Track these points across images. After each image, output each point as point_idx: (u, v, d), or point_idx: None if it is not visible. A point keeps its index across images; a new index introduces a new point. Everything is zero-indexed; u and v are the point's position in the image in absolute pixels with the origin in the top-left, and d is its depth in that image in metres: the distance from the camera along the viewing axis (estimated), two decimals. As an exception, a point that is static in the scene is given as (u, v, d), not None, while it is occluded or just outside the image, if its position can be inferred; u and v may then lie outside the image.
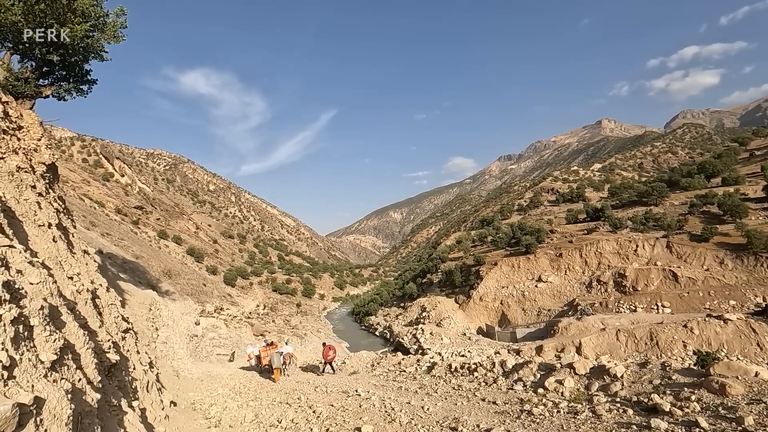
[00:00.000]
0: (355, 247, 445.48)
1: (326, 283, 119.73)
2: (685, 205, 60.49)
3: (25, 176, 9.43)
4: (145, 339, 20.99)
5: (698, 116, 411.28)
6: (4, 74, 12.37)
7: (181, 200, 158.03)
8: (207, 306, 45.52)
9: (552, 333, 38.56)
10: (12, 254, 4.90)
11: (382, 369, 16.96)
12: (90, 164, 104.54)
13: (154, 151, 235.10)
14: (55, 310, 5.03)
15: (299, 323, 66.61)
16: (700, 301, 39.20)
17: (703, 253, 44.90)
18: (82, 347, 5.21)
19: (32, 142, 11.73)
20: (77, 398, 4.14)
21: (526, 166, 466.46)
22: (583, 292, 49.38)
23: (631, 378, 8.87)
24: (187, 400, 14.02)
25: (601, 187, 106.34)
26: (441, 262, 74.75)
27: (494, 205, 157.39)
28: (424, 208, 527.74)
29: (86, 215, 52.53)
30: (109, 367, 6.88)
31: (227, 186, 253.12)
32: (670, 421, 6.69)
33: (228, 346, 34.12)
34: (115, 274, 30.48)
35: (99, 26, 12.97)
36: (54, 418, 3.39)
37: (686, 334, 30.11)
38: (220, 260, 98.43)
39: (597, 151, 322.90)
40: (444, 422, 8.45)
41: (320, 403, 11.47)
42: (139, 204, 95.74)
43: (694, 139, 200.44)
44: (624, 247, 51.18)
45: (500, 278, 56.45)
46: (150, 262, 48.43)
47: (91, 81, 13.94)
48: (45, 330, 4.19)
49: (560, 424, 7.64)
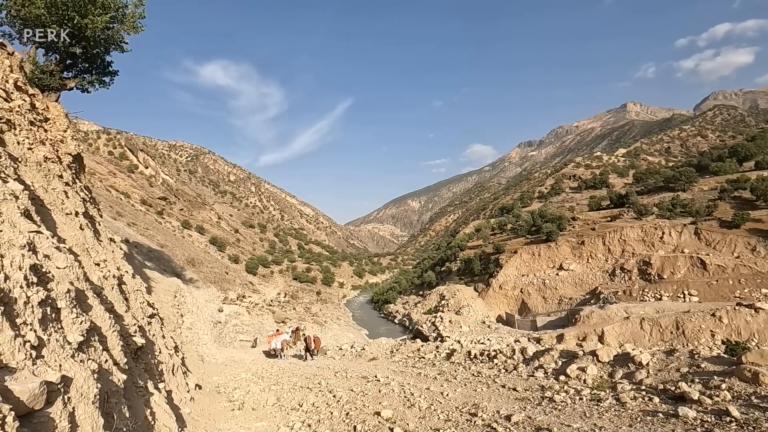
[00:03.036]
0: (374, 235, 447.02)
1: (345, 272, 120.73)
2: (714, 190, 58.27)
3: (53, 166, 9.69)
4: (171, 325, 21.65)
5: (730, 97, 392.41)
6: (31, 68, 12.71)
7: (202, 191, 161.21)
8: (229, 294, 46.56)
9: (573, 322, 38.02)
10: (39, 240, 5.04)
11: (401, 356, 17.06)
12: (115, 156, 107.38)
13: (176, 143, 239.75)
14: (81, 294, 5.17)
15: (319, 311, 67.54)
16: (730, 290, 37.93)
17: (733, 240, 43.29)
18: (108, 330, 5.35)
19: (58, 134, 12.04)
20: (104, 378, 4.26)
21: (547, 153, 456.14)
22: (606, 280, 48.38)
23: (657, 366, 8.61)
24: (211, 383, 14.43)
25: (626, 173, 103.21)
26: (460, 251, 74.29)
27: (514, 192, 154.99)
28: (443, 196, 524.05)
29: (113, 206, 54.15)
30: (135, 350, 7.08)
31: (247, 176, 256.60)
32: (699, 410, 6.46)
33: (250, 333, 34.89)
34: (141, 262, 31.40)
35: (118, 18, 13.16)
36: (81, 397, 3.49)
37: (715, 323, 29.25)
38: (241, 249, 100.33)
39: (621, 136, 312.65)
40: (463, 408, 8.42)
41: (340, 388, 11.61)
42: (162, 195, 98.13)
43: (726, 121, 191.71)
44: (649, 234, 49.76)
45: (520, 266, 55.78)
46: (174, 250, 49.72)
47: (112, 72, 14.20)
48: (72, 312, 4.31)
49: (583, 411, 7.51)
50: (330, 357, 21.39)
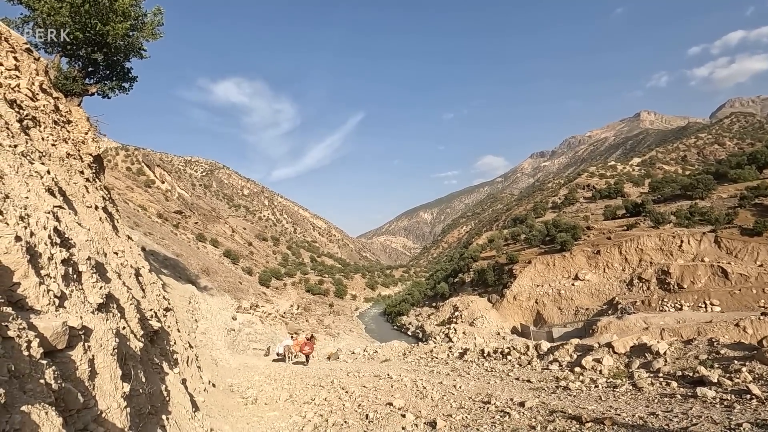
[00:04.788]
0: (386, 248, 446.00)
1: (358, 284, 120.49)
2: (734, 197, 56.97)
3: (74, 162, 10.05)
4: (185, 329, 21.83)
5: (747, 104, 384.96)
6: (55, 74, 13.30)
7: (217, 205, 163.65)
8: (243, 302, 46.83)
9: (591, 332, 37.18)
10: (62, 214, 5.24)
11: (413, 357, 16.92)
12: (133, 172, 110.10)
13: (191, 158, 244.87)
14: (101, 267, 5.33)
15: (332, 323, 67.39)
16: (754, 299, 36.80)
17: (756, 248, 42.13)
18: (126, 302, 5.49)
19: (80, 135, 12.50)
20: (122, 340, 4.37)
21: (560, 163, 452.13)
22: (624, 290, 47.37)
23: (675, 354, 8.36)
24: (224, 383, 14.48)
25: (641, 181, 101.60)
26: (473, 261, 73.69)
27: (527, 203, 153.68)
28: (455, 207, 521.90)
29: (130, 217, 55.31)
30: (152, 334, 7.20)
31: (260, 190, 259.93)
32: (719, 390, 6.28)
33: (263, 342, 34.90)
34: (157, 269, 31.86)
35: (138, 25, 13.72)
36: (100, 347, 3.60)
37: (738, 333, 28.30)
38: (255, 262, 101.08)
39: (636, 145, 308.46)
40: (476, 397, 8.30)
41: (353, 385, 11.58)
42: (178, 209, 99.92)
43: (744, 128, 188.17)
44: (667, 243, 48.73)
45: (535, 277, 55.01)
46: (189, 260, 50.38)
47: (132, 78, 14.74)
48: (92, 277, 4.46)
49: (598, 395, 7.32)
50: (342, 360, 21.30)
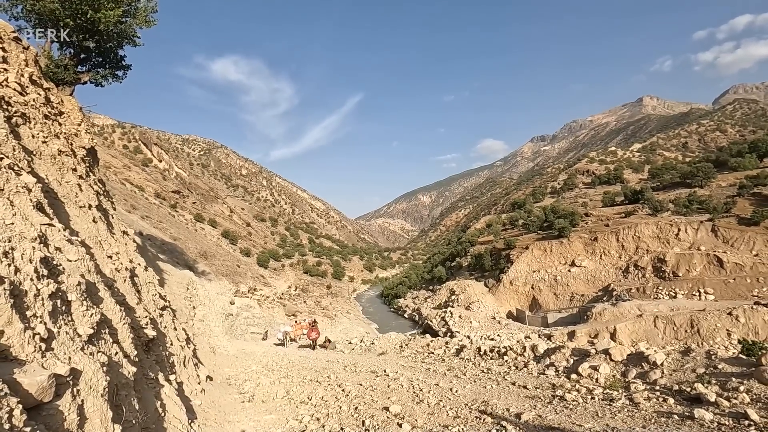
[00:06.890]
0: (384, 230, 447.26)
1: (356, 266, 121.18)
2: (733, 186, 56.85)
3: (67, 159, 9.80)
4: (183, 317, 21.94)
5: (751, 91, 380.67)
6: (46, 62, 12.86)
7: (215, 184, 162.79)
8: (241, 286, 47.07)
9: (585, 318, 37.56)
10: (51, 232, 5.08)
11: (410, 351, 17.06)
12: (130, 150, 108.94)
13: (189, 137, 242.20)
14: (92, 287, 5.21)
15: (329, 304, 67.95)
16: (748, 288, 37.10)
17: (752, 238, 42.28)
18: (119, 322, 5.39)
19: (73, 127, 12.19)
20: (114, 371, 4.28)
21: (560, 148, 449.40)
22: (620, 277, 47.69)
23: (672, 366, 8.40)
24: (222, 375, 14.60)
25: (641, 168, 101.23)
26: (470, 246, 73.95)
27: (526, 187, 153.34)
28: (454, 191, 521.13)
29: (127, 199, 55.00)
30: (146, 342, 7.15)
31: (259, 170, 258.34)
32: (716, 412, 6.29)
33: (261, 325, 35.26)
34: (155, 254, 31.85)
35: (131, 12, 13.23)
36: (90, 389, 3.50)
37: (731, 322, 28.62)
38: (253, 243, 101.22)
39: (637, 131, 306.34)
40: (473, 405, 8.36)
41: (349, 382, 11.64)
42: (176, 188, 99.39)
43: (746, 115, 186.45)
44: (664, 231, 48.83)
45: (531, 262, 55.30)
46: (187, 243, 50.37)
47: (125, 66, 14.31)
48: (82, 305, 4.33)
49: (595, 410, 7.37)
50: (339, 351, 21.49)
